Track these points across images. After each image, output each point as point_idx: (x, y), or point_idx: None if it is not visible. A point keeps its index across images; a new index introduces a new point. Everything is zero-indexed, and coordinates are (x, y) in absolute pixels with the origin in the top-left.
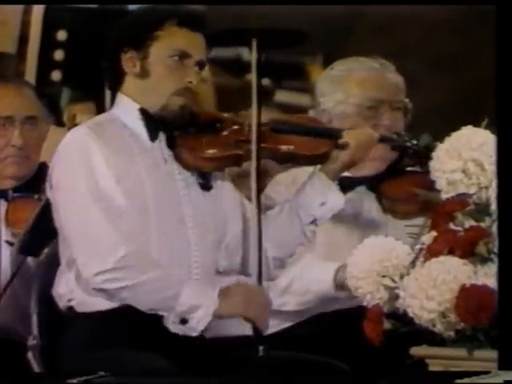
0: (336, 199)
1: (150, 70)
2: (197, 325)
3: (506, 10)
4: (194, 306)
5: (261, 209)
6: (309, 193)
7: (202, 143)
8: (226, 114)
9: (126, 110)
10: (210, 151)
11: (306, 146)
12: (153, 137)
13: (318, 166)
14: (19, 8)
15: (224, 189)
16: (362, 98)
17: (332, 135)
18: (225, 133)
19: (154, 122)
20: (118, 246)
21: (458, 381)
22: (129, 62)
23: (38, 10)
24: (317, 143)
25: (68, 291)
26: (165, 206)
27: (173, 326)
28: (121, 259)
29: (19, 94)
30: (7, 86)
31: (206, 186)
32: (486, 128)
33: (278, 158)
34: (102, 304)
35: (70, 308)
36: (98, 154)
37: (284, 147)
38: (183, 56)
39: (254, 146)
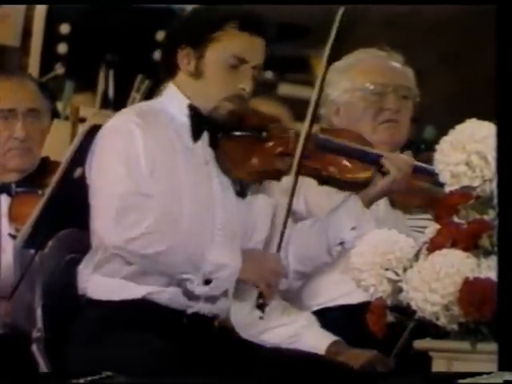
0: (367, 226)
1: (203, 71)
2: (222, 283)
3: (506, 10)
4: (221, 265)
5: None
6: (341, 215)
7: (244, 151)
8: (274, 122)
9: (175, 102)
10: (252, 164)
11: (349, 171)
12: (196, 136)
13: None
14: None
15: (258, 197)
16: (366, 83)
17: (373, 160)
18: (269, 143)
19: (201, 121)
20: (145, 215)
21: (461, 381)
22: (184, 58)
23: (41, 5)
24: (359, 168)
25: (87, 274)
26: (198, 208)
27: (198, 289)
28: (149, 226)
29: (21, 86)
30: (10, 78)
31: (241, 193)
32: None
33: (318, 177)
34: (113, 294)
35: (84, 293)
36: (140, 142)
37: (326, 170)
38: (240, 62)
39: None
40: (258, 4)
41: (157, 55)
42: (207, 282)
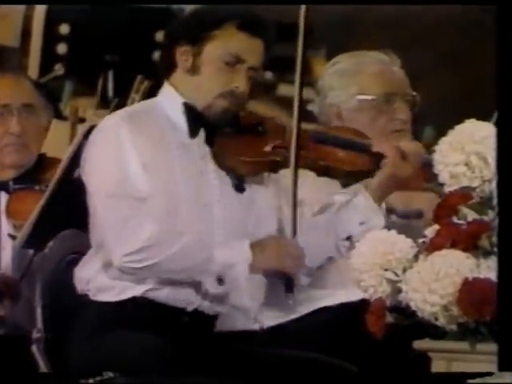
0: (376, 221)
1: (200, 68)
2: (235, 281)
3: (506, 10)
4: (228, 265)
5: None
6: (350, 210)
7: (241, 145)
8: (269, 117)
9: (170, 101)
10: (248, 154)
11: (345, 161)
12: (193, 133)
13: (365, 183)
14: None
15: (259, 192)
16: (377, 92)
17: (370, 151)
18: (265, 137)
19: (197, 118)
20: (143, 227)
21: (470, 381)
22: (182, 55)
23: (40, 5)
24: (357, 159)
25: (90, 276)
26: (195, 204)
27: (212, 288)
28: (148, 238)
29: (16, 83)
30: (4, 76)
31: (240, 188)
32: (494, 123)
33: (316, 169)
34: (116, 295)
35: (86, 295)
36: (130, 146)
37: (323, 160)
38: (236, 60)
39: (292, 152)
40: (257, 4)
41: (156, 56)
42: (220, 280)
